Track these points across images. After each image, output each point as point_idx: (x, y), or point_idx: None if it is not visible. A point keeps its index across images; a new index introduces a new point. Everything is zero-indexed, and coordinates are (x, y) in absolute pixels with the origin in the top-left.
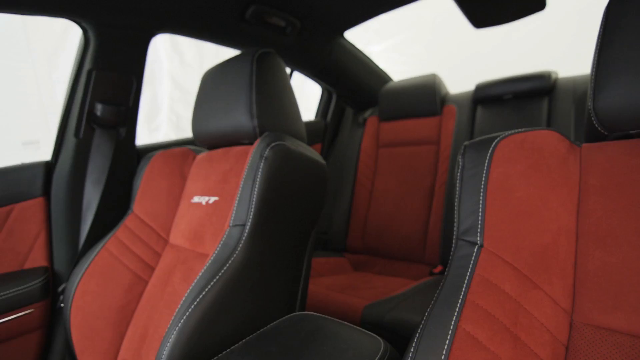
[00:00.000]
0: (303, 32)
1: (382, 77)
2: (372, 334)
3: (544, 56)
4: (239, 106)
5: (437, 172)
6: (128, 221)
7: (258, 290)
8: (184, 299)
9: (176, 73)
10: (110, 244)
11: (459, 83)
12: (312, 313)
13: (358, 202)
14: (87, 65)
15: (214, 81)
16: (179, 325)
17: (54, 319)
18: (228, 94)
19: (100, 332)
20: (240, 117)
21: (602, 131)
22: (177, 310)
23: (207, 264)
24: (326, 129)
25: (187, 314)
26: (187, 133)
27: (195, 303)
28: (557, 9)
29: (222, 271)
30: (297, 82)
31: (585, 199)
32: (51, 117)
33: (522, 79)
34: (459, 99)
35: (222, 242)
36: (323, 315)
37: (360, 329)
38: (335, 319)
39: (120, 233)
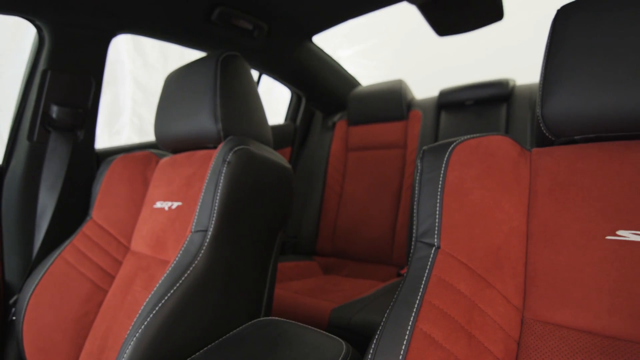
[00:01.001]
0: (271, 35)
1: (350, 82)
2: (335, 337)
3: (504, 63)
4: (203, 109)
5: (404, 175)
6: (86, 228)
7: (221, 297)
8: (142, 307)
9: (139, 74)
10: (66, 253)
11: (425, 88)
12: (276, 318)
13: (327, 206)
14: (41, 65)
15: (178, 84)
16: (137, 335)
17: (5, 333)
18: (192, 97)
19: (56, 346)
20: (204, 121)
21: (550, 137)
22: (135, 319)
23: (167, 271)
24: (295, 132)
25: (146, 323)
26: (150, 136)
27: (154, 312)
28: (516, 19)
29: (183, 278)
30: (266, 85)
31: (535, 201)
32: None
33: (482, 86)
34: (424, 104)
35: (183, 249)
36: (287, 320)
37: (324, 332)
38: (299, 324)
39: (77, 241)
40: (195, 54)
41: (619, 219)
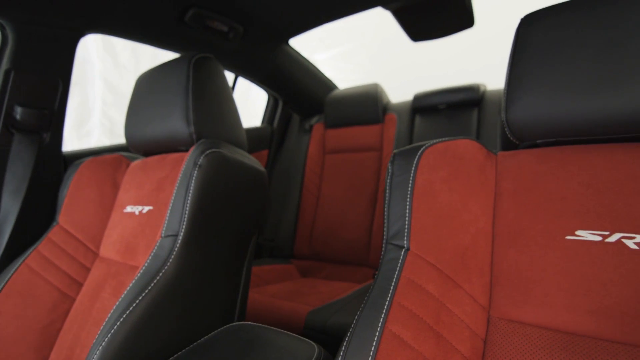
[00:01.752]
0: (246, 37)
1: (327, 85)
2: (307, 340)
3: (477, 68)
4: (175, 112)
5: (380, 177)
6: (52, 234)
7: (192, 302)
8: (109, 314)
9: (109, 75)
10: (31, 260)
11: (400, 92)
12: (249, 323)
13: (305, 208)
14: (4, 65)
15: (149, 85)
16: (103, 344)
17: None
18: (163, 99)
19: (19, 358)
20: (176, 123)
21: (514, 140)
22: (102, 327)
23: (136, 277)
24: (273, 135)
25: (113, 331)
26: (122, 139)
27: (121, 319)
28: (488, 27)
29: (152, 284)
30: (242, 87)
31: (500, 203)
32: None
33: (454, 91)
34: (399, 108)
35: (152, 254)
36: (260, 325)
37: (296, 336)
38: (272, 328)
39: (42, 247)
40: (168, 55)
41: (577, 219)
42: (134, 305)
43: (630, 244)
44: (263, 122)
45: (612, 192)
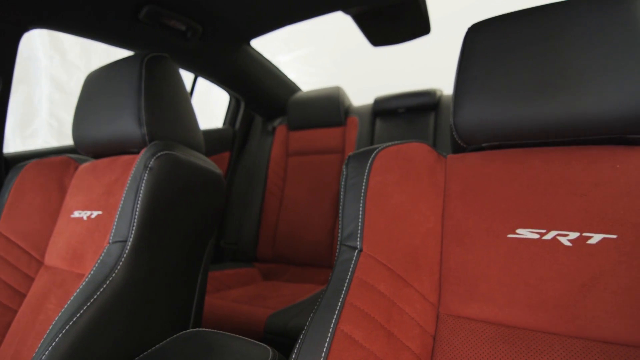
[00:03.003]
0: (206, 37)
1: (290, 87)
2: (262, 344)
3: (434, 73)
4: (126, 112)
5: None
6: None
7: (142, 311)
8: (52, 325)
9: (57, 73)
10: None
11: (363, 95)
12: (203, 329)
13: (268, 211)
14: None
15: (99, 84)
16: (44, 357)
17: None
18: (114, 99)
19: None
20: (127, 124)
21: (462, 144)
22: (43, 339)
23: (81, 286)
24: (235, 136)
25: (55, 343)
26: (71, 140)
27: (64, 331)
28: (448, 33)
29: (99, 293)
30: (202, 88)
31: (449, 204)
32: None
33: (412, 95)
34: (360, 111)
35: (99, 261)
36: (214, 331)
37: (251, 340)
38: (226, 333)
39: None
40: (123, 53)
41: (518, 218)
42: (77, 315)
43: (564, 241)
44: (224, 123)
45: (548, 193)
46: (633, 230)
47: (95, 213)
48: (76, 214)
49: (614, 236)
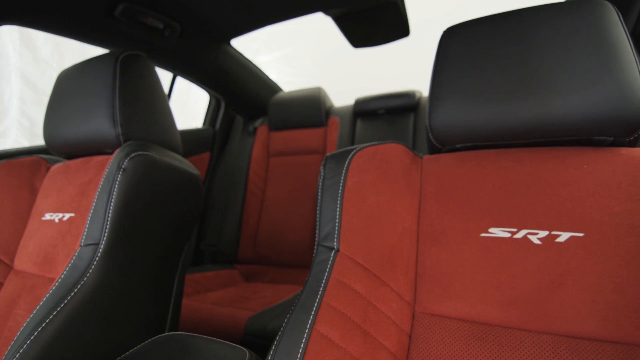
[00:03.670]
0: (184, 36)
1: (272, 87)
2: (238, 346)
3: (414, 75)
4: (100, 111)
5: None
6: None
7: (116, 315)
8: (19, 331)
9: (28, 71)
10: None
11: (344, 96)
12: (179, 333)
13: (249, 212)
14: None
15: (72, 82)
16: None
17: None
18: (87, 98)
19: None
20: (101, 124)
21: (437, 145)
22: (10, 346)
23: (51, 290)
24: (215, 137)
25: (22, 350)
26: (43, 140)
27: (33, 336)
28: (426, 38)
29: (69, 297)
30: (182, 87)
31: (424, 204)
32: None
33: (392, 97)
34: (341, 112)
35: (70, 264)
36: (190, 334)
37: (228, 343)
38: (203, 336)
39: None
40: (98, 51)
41: (491, 217)
42: (46, 321)
43: (534, 239)
44: (204, 123)
45: (520, 193)
46: (599, 229)
47: (67, 215)
48: (47, 216)
49: (581, 234)
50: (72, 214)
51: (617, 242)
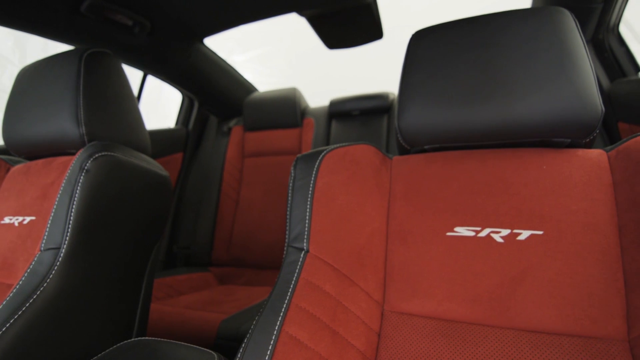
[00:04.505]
0: (155, 34)
1: (246, 87)
2: (206, 350)
3: (389, 77)
4: (63, 111)
5: None
6: None
7: (79, 322)
8: None
9: None
10: None
11: (319, 97)
12: (146, 338)
13: (223, 213)
14: None
15: (33, 80)
16: None
17: None
18: (50, 96)
19: None
20: (64, 123)
21: (406, 146)
22: None
23: (8, 298)
24: (188, 137)
25: None
26: (2, 140)
27: None
28: (400, 42)
29: (27, 304)
30: (154, 86)
31: (393, 204)
32: None
33: (366, 98)
34: (316, 113)
35: (29, 270)
36: (157, 339)
37: (196, 347)
38: (170, 341)
39: None
40: (64, 48)
41: (456, 217)
42: (2, 330)
43: (497, 237)
44: (177, 123)
45: (484, 192)
46: (557, 227)
47: (27, 219)
48: (7, 219)
49: (541, 232)
50: (33, 217)
51: (573, 239)
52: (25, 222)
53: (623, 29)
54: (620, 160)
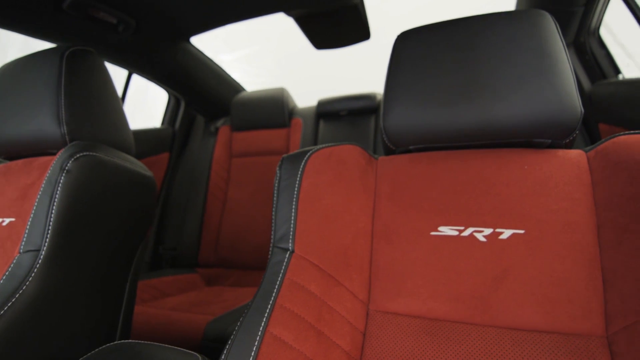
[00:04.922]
0: (140, 32)
1: (234, 87)
2: (190, 352)
3: (376, 77)
4: (44, 110)
5: None
6: None
7: (60, 325)
8: None
9: None
10: None
11: (306, 96)
12: (129, 341)
13: (210, 214)
14: None
15: (14, 78)
16: None
17: None
18: (30, 95)
19: None
20: (44, 123)
21: (391, 146)
22: None
23: None
24: (174, 137)
25: None
26: None
27: None
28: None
29: (5, 308)
30: (139, 85)
31: (378, 204)
32: None
33: (354, 98)
34: (304, 113)
35: (8, 273)
36: (141, 342)
37: (179, 349)
38: (153, 343)
39: None
40: (46, 46)
41: (440, 216)
42: None
43: (479, 237)
44: (163, 123)
45: (467, 192)
46: (538, 226)
47: (7, 220)
48: None
49: (522, 231)
50: (13, 219)
51: (554, 238)
52: (4, 223)
53: (603, 32)
54: (599, 161)
